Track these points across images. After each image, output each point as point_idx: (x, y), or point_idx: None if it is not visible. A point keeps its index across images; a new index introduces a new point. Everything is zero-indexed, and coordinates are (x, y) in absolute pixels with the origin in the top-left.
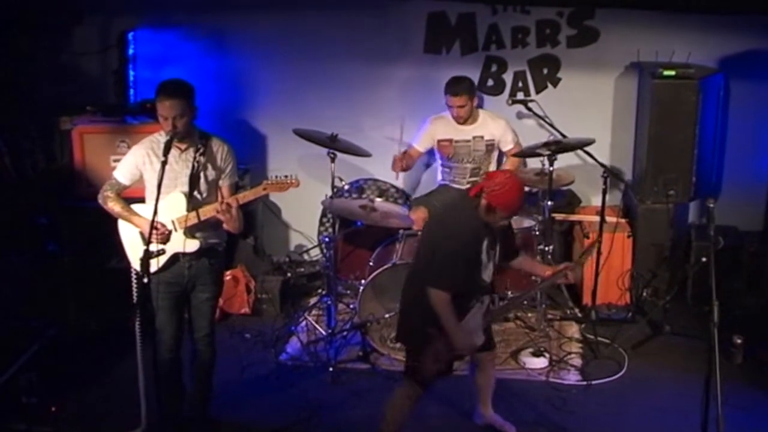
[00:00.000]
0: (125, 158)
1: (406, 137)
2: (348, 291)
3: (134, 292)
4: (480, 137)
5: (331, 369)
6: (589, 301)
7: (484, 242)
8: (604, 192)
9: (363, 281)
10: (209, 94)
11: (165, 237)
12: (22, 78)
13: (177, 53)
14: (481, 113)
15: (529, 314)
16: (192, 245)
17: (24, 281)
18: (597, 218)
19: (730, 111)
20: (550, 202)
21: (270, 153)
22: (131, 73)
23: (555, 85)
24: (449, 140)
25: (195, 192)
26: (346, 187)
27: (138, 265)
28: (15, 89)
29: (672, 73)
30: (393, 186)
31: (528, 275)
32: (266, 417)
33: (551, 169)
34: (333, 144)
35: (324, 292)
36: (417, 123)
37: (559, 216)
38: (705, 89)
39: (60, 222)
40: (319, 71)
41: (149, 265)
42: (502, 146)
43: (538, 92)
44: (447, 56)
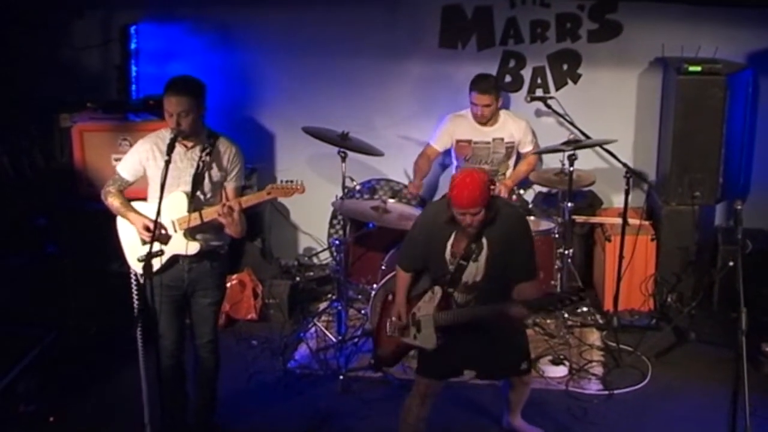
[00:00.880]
0: (129, 153)
1: (420, 136)
2: (359, 296)
3: (134, 295)
4: (500, 139)
5: (342, 377)
6: (611, 307)
7: (450, 239)
8: (627, 193)
9: (375, 286)
10: (214, 91)
11: (163, 238)
12: (21, 74)
13: (181, 48)
14: (502, 114)
15: (549, 321)
16: (192, 247)
17: (22, 284)
18: (619, 220)
19: (759, 108)
20: (570, 204)
21: (278, 152)
22: (133, 69)
23: (575, 82)
24: (468, 141)
25: (198, 192)
26: (358, 188)
27: (135, 265)
28: (13, 85)
29: (698, 69)
30: (406, 186)
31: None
32: (273, 427)
33: (571, 169)
34: (344, 142)
35: (334, 297)
36: (431, 121)
37: (580, 218)
38: (733, 85)
39: (59, 223)
40: (330, 67)
41: (152, 267)
42: (521, 148)
43: (558, 89)
44: (463, 51)
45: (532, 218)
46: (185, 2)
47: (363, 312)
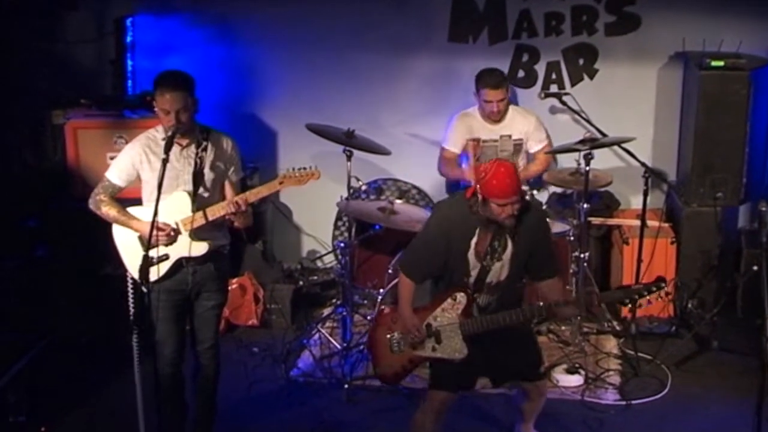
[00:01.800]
0: (119, 158)
1: (429, 134)
2: (365, 301)
3: (131, 302)
4: (507, 136)
5: (347, 386)
6: (629, 314)
7: (474, 237)
8: (646, 194)
9: (382, 290)
10: (214, 86)
11: (171, 238)
12: (11, 68)
13: (179, 41)
14: (510, 109)
15: (563, 327)
16: (199, 249)
17: (11, 289)
18: (637, 222)
19: None
20: (586, 205)
21: (280, 150)
22: (129, 63)
23: (592, 77)
24: (476, 140)
25: (200, 191)
26: (364, 188)
27: (137, 273)
28: (3, 80)
29: (720, 64)
30: (414, 187)
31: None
32: None
33: (587, 169)
34: (349, 141)
35: (339, 302)
36: (440, 119)
37: (596, 220)
38: (757, 81)
39: (51, 225)
40: (334, 61)
41: (149, 273)
42: (530, 146)
43: (574, 85)
44: (474, 45)
45: (547, 220)
46: None
47: (369, 318)
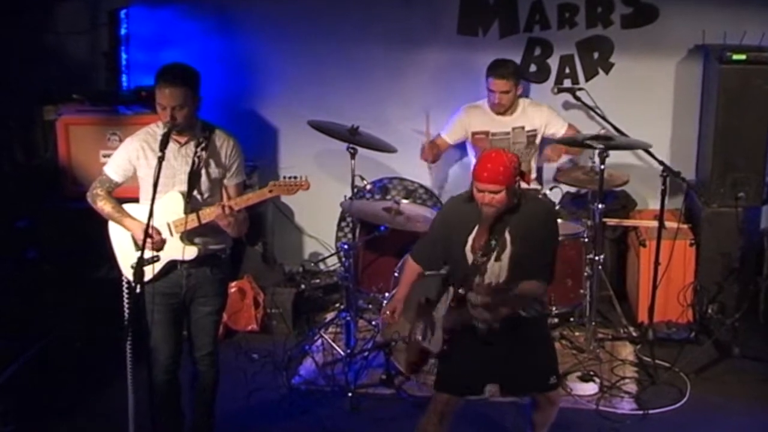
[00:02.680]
0: (117, 152)
1: (437, 131)
2: (370, 305)
3: (126, 304)
4: (520, 128)
5: (350, 394)
6: (646, 319)
7: (473, 233)
8: (664, 194)
9: (387, 294)
10: (212, 81)
11: (159, 244)
12: None
13: (176, 33)
14: (521, 102)
15: (577, 333)
16: (190, 252)
17: (0, 293)
18: (655, 223)
19: None
20: (601, 205)
21: (282, 148)
22: (124, 56)
23: (607, 72)
24: (485, 133)
25: (195, 192)
26: (369, 187)
27: (127, 273)
28: None
29: (742, 57)
30: (421, 186)
31: (575, 288)
32: None
33: (602, 167)
34: (353, 138)
35: (342, 307)
36: (448, 115)
37: (612, 221)
38: None
39: (42, 225)
40: (338, 55)
41: (143, 274)
42: (554, 133)
43: (588, 79)
44: (484, 39)
45: (560, 221)
46: None
47: (374, 323)
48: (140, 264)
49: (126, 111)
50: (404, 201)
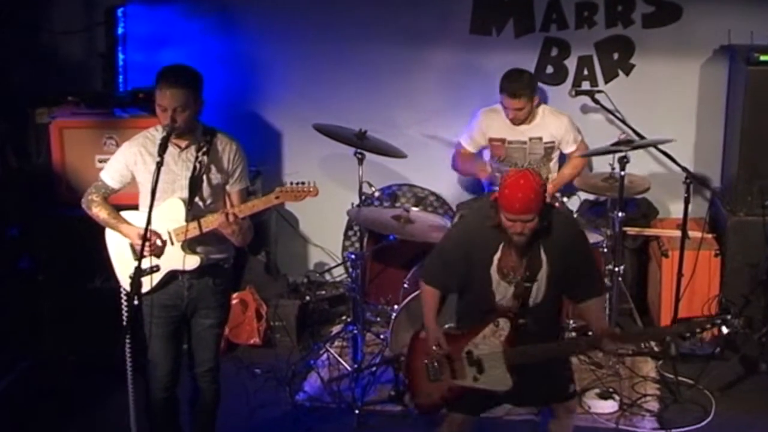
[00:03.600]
0: (114, 157)
1: (448, 135)
2: (378, 318)
3: (124, 316)
4: (538, 139)
5: (357, 411)
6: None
7: (497, 252)
8: (687, 201)
9: (396, 307)
10: (213, 82)
11: (158, 250)
12: None
13: (175, 33)
14: (540, 110)
15: None
16: (192, 262)
17: None
18: (678, 233)
19: None
20: (621, 214)
21: (286, 153)
22: (121, 57)
23: (627, 73)
24: (501, 140)
25: (196, 198)
26: (377, 194)
27: (125, 283)
28: None
29: None
30: (432, 193)
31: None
32: None
33: (623, 174)
34: (361, 142)
35: (349, 320)
36: (460, 118)
37: (632, 230)
38: None
39: (34, 233)
40: (345, 55)
41: (140, 285)
42: (563, 148)
43: (608, 81)
44: (497, 38)
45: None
46: None
47: (382, 337)
48: (138, 274)
49: (123, 114)
50: (414, 209)
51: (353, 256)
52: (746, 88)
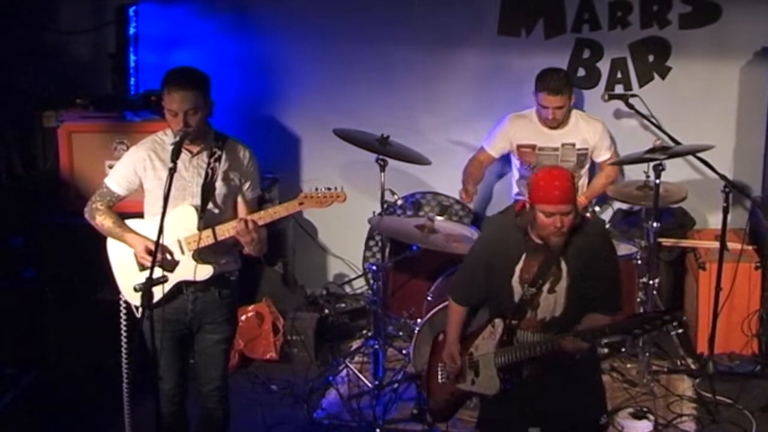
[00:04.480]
0: (120, 162)
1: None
2: (400, 332)
3: (123, 329)
4: (570, 145)
5: (378, 430)
6: (706, 350)
7: (520, 262)
8: (726, 211)
9: (419, 320)
10: (228, 84)
11: (168, 263)
12: None
13: (189, 33)
14: (573, 114)
15: (629, 365)
16: (203, 272)
17: None
18: (716, 244)
19: None
20: (656, 224)
21: (304, 159)
22: (132, 58)
23: (663, 77)
24: (532, 146)
25: (209, 205)
26: (400, 203)
27: (131, 296)
28: None
29: None
30: (457, 201)
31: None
32: None
33: (658, 182)
34: (383, 148)
35: (370, 334)
36: (488, 123)
37: (668, 241)
38: None
39: (40, 243)
40: (367, 57)
41: (152, 297)
42: (596, 155)
43: (642, 85)
44: (527, 40)
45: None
46: None
47: (404, 352)
48: (149, 284)
49: (134, 117)
50: (438, 218)
51: (374, 268)
52: None
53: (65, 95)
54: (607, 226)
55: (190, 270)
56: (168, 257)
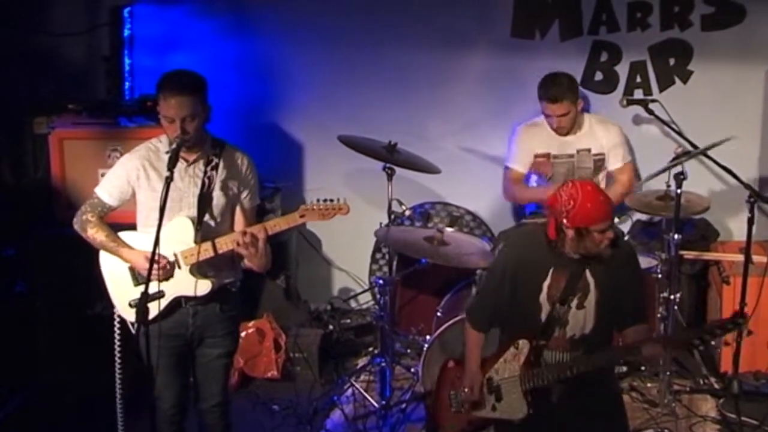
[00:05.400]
0: (112, 171)
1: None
2: (408, 350)
3: (117, 346)
4: (586, 150)
5: None
6: (730, 368)
7: (547, 278)
8: (750, 222)
9: (428, 337)
10: (227, 89)
11: (167, 273)
12: None
13: (186, 35)
14: (587, 118)
15: (649, 384)
16: (203, 287)
17: None
18: (740, 257)
19: None
20: (678, 236)
21: (307, 167)
22: (127, 61)
23: (685, 81)
24: (546, 155)
25: (206, 217)
26: (408, 213)
27: (126, 312)
28: None
29: None
30: (468, 212)
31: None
32: None
33: (679, 192)
34: (391, 156)
35: (377, 351)
36: (500, 130)
37: (690, 254)
38: None
39: (31, 255)
40: (374, 60)
41: (147, 312)
42: (609, 161)
43: (663, 89)
44: (541, 42)
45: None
46: None
47: (413, 370)
48: (144, 299)
49: (129, 123)
50: (448, 229)
51: (381, 282)
52: None
53: (57, 100)
54: (626, 238)
55: (190, 285)
56: (168, 272)
